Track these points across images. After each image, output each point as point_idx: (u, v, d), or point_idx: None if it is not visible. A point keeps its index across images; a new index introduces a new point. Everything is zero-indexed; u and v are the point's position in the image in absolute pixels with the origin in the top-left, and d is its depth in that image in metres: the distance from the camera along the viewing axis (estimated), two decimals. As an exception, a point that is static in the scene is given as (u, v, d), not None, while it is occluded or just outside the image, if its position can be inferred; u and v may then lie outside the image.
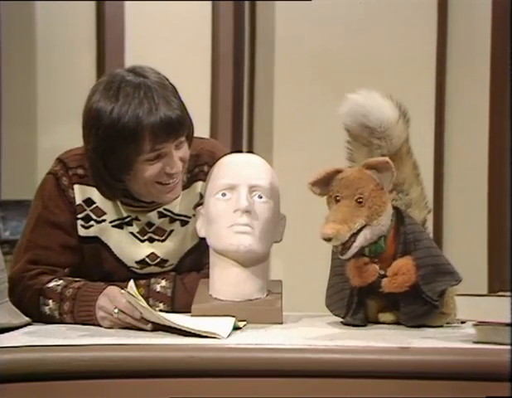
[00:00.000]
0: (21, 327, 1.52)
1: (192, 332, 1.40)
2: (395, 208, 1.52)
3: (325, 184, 1.51)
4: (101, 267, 1.72)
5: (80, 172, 1.70)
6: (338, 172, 1.51)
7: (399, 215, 1.52)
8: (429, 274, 1.49)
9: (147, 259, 1.72)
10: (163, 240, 1.72)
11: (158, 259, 1.73)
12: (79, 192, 1.70)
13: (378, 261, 1.51)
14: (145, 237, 1.72)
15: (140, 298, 1.47)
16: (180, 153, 1.66)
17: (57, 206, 1.69)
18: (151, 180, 1.64)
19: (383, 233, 1.50)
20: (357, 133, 1.55)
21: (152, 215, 1.72)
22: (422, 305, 1.49)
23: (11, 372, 1.28)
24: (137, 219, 1.72)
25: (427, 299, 1.48)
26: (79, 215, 1.71)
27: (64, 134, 3.11)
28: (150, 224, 1.72)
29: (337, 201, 1.49)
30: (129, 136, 1.59)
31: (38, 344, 1.36)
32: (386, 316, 1.55)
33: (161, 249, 1.73)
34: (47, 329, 1.54)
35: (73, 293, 1.60)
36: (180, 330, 1.42)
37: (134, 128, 1.59)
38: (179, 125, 1.63)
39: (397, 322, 1.54)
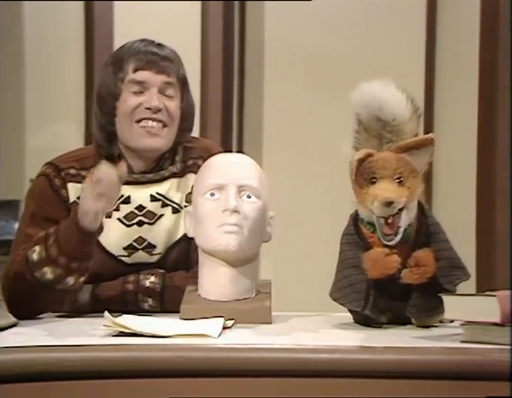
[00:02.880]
0: (8, 327, 1.52)
1: (182, 336, 1.39)
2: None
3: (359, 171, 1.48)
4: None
5: (72, 171, 1.73)
6: (370, 155, 1.49)
7: (420, 206, 1.52)
8: (446, 268, 1.49)
9: (134, 244, 1.73)
10: (152, 223, 1.73)
11: (145, 243, 1.73)
12: (73, 191, 1.72)
13: (397, 252, 1.48)
14: (133, 221, 1.73)
15: (118, 323, 1.43)
16: (166, 102, 1.72)
17: (50, 204, 1.71)
18: (131, 116, 1.70)
19: (411, 220, 1.49)
20: (368, 125, 1.53)
21: (144, 198, 1.73)
22: (432, 298, 1.47)
23: (-2, 373, 1.28)
24: (128, 201, 1.72)
25: (445, 291, 1.46)
26: None
27: (52, 134, 3.10)
28: (141, 207, 1.73)
29: (373, 183, 1.46)
30: (116, 58, 1.75)
31: (25, 345, 1.35)
32: (382, 317, 1.54)
33: (149, 233, 1.73)
34: (35, 330, 1.53)
35: (55, 229, 1.61)
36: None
37: (123, 52, 1.75)
38: (164, 60, 1.72)
39: (387, 323, 1.54)
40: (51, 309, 1.65)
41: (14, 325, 1.54)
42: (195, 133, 3.38)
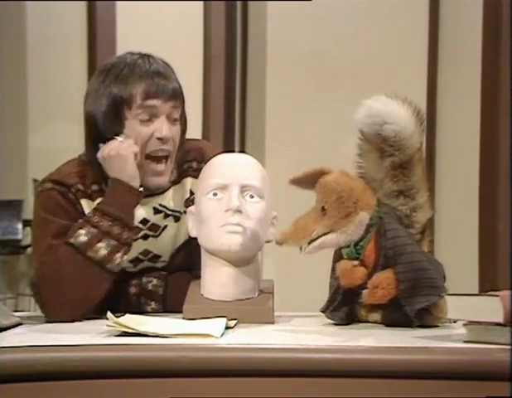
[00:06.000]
0: (11, 327, 1.52)
1: (185, 336, 1.39)
2: (380, 218, 1.51)
3: (309, 182, 1.53)
4: None
5: (81, 187, 1.69)
6: (322, 173, 1.53)
7: (382, 228, 1.50)
8: (409, 290, 1.48)
9: (139, 256, 1.72)
10: (157, 236, 1.73)
11: (151, 255, 1.73)
12: (87, 207, 1.68)
13: (362, 266, 1.51)
14: (138, 235, 1.71)
15: (121, 323, 1.43)
16: (172, 127, 1.68)
17: (69, 217, 1.65)
18: (142, 147, 1.66)
19: (351, 242, 1.50)
20: (369, 138, 1.53)
21: (148, 211, 1.72)
22: (403, 316, 1.49)
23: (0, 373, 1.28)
24: None
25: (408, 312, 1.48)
26: None
27: (54, 134, 3.11)
28: (145, 221, 1.72)
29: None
30: (118, 77, 1.67)
31: (27, 345, 1.35)
32: (375, 316, 1.54)
33: (154, 244, 1.73)
34: (38, 329, 1.53)
35: (97, 209, 1.63)
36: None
37: (125, 74, 1.67)
38: (169, 81, 1.68)
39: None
40: (103, 292, 1.61)
41: (17, 325, 1.54)
42: (198, 133, 3.39)
